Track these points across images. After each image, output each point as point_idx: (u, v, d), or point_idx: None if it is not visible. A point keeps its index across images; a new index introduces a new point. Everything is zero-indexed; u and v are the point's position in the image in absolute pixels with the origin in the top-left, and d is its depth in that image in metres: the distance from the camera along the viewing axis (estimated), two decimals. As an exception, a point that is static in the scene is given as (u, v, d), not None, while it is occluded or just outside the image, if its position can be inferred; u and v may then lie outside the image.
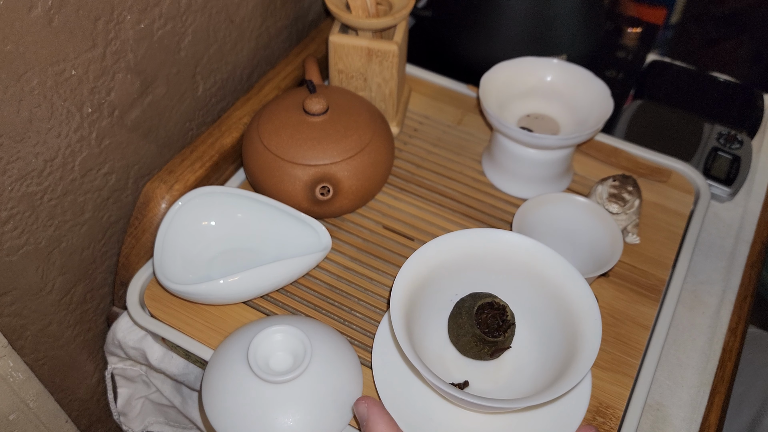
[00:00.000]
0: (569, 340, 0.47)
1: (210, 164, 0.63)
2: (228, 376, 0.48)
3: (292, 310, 0.57)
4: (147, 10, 0.55)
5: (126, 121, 0.58)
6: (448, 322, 0.52)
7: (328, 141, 0.59)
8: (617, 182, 0.61)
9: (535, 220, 0.59)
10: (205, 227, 0.59)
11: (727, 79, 0.83)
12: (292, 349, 0.48)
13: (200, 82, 0.66)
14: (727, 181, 0.71)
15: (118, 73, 0.55)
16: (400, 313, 0.47)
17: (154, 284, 0.58)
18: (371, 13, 0.64)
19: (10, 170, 0.50)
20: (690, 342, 0.60)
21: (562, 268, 0.49)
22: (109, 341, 0.62)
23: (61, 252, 0.58)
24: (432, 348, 0.52)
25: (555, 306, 0.50)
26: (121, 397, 0.67)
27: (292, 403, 0.47)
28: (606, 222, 0.58)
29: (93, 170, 0.57)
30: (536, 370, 0.50)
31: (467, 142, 0.72)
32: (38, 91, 0.49)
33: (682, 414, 0.56)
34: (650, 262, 0.61)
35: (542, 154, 0.63)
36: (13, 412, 0.57)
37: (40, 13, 0.46)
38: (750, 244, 0.67)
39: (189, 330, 0.55)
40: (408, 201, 0.66)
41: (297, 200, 0.59)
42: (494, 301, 0.50)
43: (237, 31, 0.67)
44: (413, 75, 0.79)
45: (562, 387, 0.43)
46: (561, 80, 0.67)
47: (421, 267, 0.50)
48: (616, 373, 0.54)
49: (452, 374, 0.51)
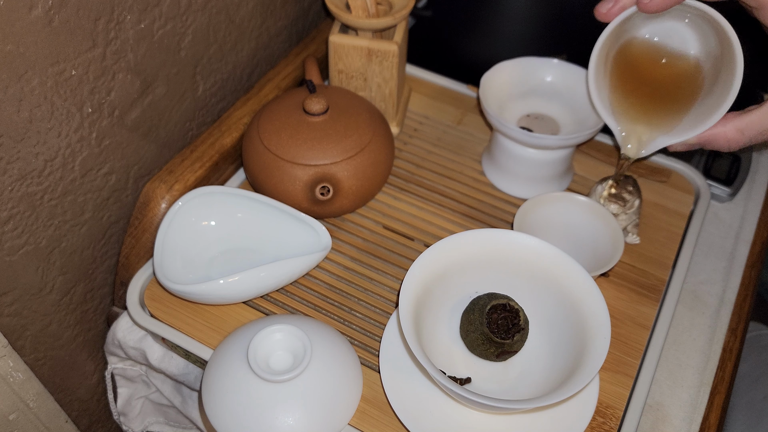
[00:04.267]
0: (578, 352, 0.47)
1: (210, 164, 0.63)
2: (228, 376, 0.48)
3: (292, 310, 0.57)
4: (147, 10, 0.55)
5: (126, 121, 0.58)
6: (462, 316, 0.52)
7: (328, 141, 0.59)
8: (617, 182, 0.61)
9: (536, 219, 0.59)
10: (205, 227, 0.59)
11: (727, 79, 0.83)
12: (292, 348, 0.48)
13: (200, 82, 0.66)
14: (727, 181, 0.70)
15: (118, 73, 0.55)
16: (410, 298, 0.48)
17: (154, 284, 0.58)
18: (371, 13, 0.64)
19: (10, 170, 0.50)
20: (690, 342, 0.60)
21: (583, 282, 0.49)
22: (109, 341, 0.62)
23: (61, 252, 0.58)
24: (442, 340, 0.52)
25: (572, 319, 0.50)
26: (121, 397, 0.67)
27: (292, 402, 0.47)
28: (607, 221, 0.58)
29: (93, 170, 0.57)
30: (542, 378, 0.50)
31: (467, 142, 0.72)
32: (38, 91, 0.49)
33: (682, 414, 0.56)
34: (650, 262, 0.61)
35: (542, 154, 0.63)
36: (13, 412, 0.57)
37: (40, 13, 0.46)
38: (750, 244, 0.67)
39: (189, 330, 0.55)
40: (408, 201, 0.66)
41: (297, 200, 0.59)
42: (509, 304, 0.49)
43: (237, 31, 0.67)
44: (413, 75, 0.79)
45: (567, 391, 0.43)
46: (561, 80, 0.67)
47: (440, 258, 0.50)
48: (616, 373, 0.54)
49: (458, 369, 0.51)
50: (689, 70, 0.53)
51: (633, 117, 0.56)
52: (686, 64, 0.53)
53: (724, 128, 0.52)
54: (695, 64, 0.53)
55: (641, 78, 0.55)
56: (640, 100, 0.56)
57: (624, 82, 0.56)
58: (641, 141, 0.56)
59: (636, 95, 0.56)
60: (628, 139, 0.57)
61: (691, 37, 0.53)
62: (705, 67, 0.53)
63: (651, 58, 0.54)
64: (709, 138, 0.52)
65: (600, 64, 0.57)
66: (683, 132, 0.54)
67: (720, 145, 0.52)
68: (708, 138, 0.53)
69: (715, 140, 0.52)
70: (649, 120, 0.56)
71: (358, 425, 0.50)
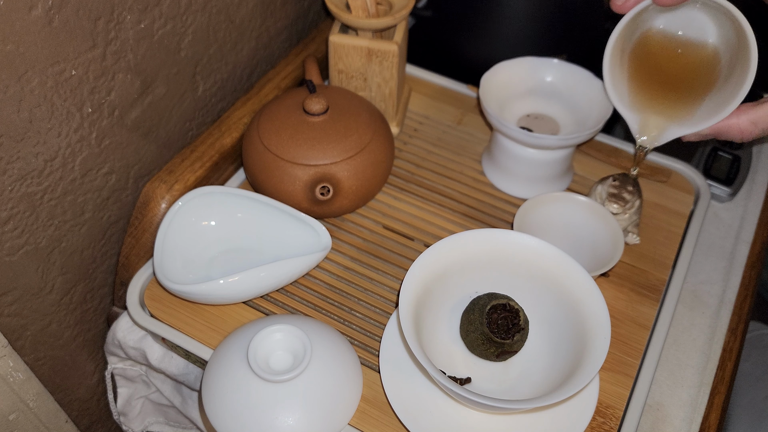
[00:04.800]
0: (578, 352, 0.47)
1: (210, 164, 0.63)
2: (228, 376, 0.48)
3: (292, 310, 0.57)
4: (147, 10, 0.55)
5: (126, 121, 0.58)
6: (462, 316, 0.52)
7: (328, 141, 0.59)
8: (617, 182, 0.61)
9: (536, 219, 0.59)
10: (205, 227, 0.59)
11: (727, 79, 0.83)
12: (291, 348, 0.48)
13: (200, 82, 0.66)
14: (727, 181, 0.70)
15: (118, 73, 0.55)
16: (410, 298, 0.48)
17: (154, 284, 0.58)
18: (371, 13, 0.64)
19: (10, 170, 0.50)
20: (690, 342, 0.60)
21: (583, 282, 0.49)
22: (109, 341, 0.62)
23: (61, 252, 0.58)
24: (442, 340, 0.52)
25: (572, 319, 0.50)
26: (121, 397, 0.67)
27: (292, 402, 0.47)
28: (607, 221, 0.58)
29: (93, 170, 0.57)
30: (542, 378, 0.50)
31: (467, 142, 0.72)
32: (38, 91, 0.49)
33: (682, 414, 0.56)
34: (650, 262, 0.61)
35: (542, 154, 0.63)
36: (13, 412, 0.57)
37: (40, 13, 0.46)
38: (750, 244, 0.67)
39: (189, 330, 0.55)
40: (408, 201, 0.66)
41: (297, 200, 0.59)
42: (509, 304, 0.49)
43: (237, 31, 0.67)
44: (413, 75, 0.79)
45: (567, 391, 0.43)
46: (561, 80, 0.67)
47: (440, 258, 0.50)
48: (616, 373, 0.54)
49: (458, 369, 0.51)
50: (707, 59, 0.54)
51: (649, 107, 0.57)
52: (704, 52, 0.53)
53: (738, 119, 0.52)
54: (713, 52, 0.53)
55: (658, 68, 0.55)
56: (656, 91, 0.56)
57: (641, 72, 0.56)
58: (657, 131, 0.56)
59: (652, 85, 0.56)
60: (644, 129, 0.57)
61: (709, 25, 0.53)
62: (723, 56, 0.53)
63: (668, 48, 0.55)
64: (723, 129, 0.53)
65: (615, 56, 0.57)
66: (698, 122, 0.54)
67: (733, 136, 0.53)
68: (721, 129, 0.53)
69: (728, 131, 0.53)
70: (664, 110, 0.56)
71: (358, 425, 0.50)
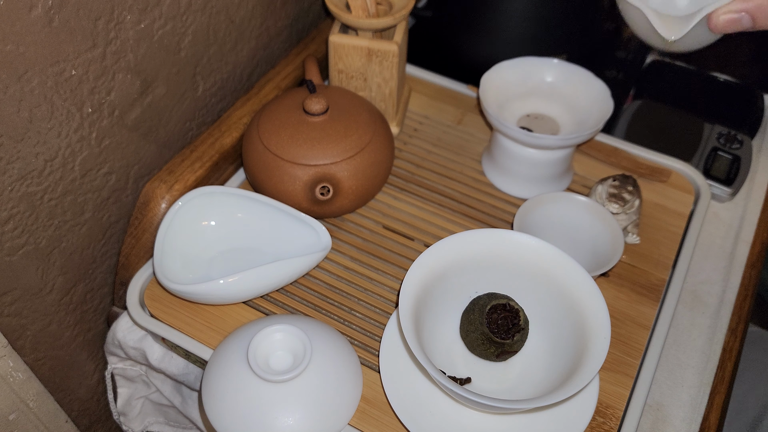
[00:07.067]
0: (578, 352, 0.47)
1: (210, 164, 0.63)
2: (228, 376, 0.48)
3: (292, 310, 0.57)
4: (147, 10, 0.55)
5: (126, 121, 0.58)
6: (461, 317, 0.52)
7: (328, 141, 0.59)
8: (617, 182, 0.61)
9: (536, 219, 0.59)
10: (205, 227, 0.59)
11: (727, 79, 0.83)
12: (292, 348, 0.48)
13: (200, 82, 0.66)
14: (727, 181, 0.70)
15: (118, 73, 0.55)
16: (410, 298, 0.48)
17: (154, 284, 0.58)
18: (371, 13, 0.64)
19: (10, 170, 0.50)
20: (690, 342, 0.60)
21: (583, 282, 0.49)
22: (109, 341, 0.62)
23: (61, 252, 0.58)
24: (442, 340, 0.52)
25: (572, 319, 0.50)
26: (121, 397, 0.67)
27: (292, 402, 0.47)
28: (607, 221, 0.58)
29: (93, 170, 0.57)
30: (542, 378, 0.50)
31: (467, 142, 0.72)
32: (38, 91, 0.49)
33: (682, 414, 0.56)
34: (650, 262, 0.61)
35: (542, 154, 0.63)
36: (13, 412, 0.57)
37: (40, 13, 0.46)
38: (750, 244, 0.67)
39: (189, 330, 0.55)
40: (408, 201, 0.66)
41: (297, 200, 0.59)
42: (509, 304, 0.49)
43: (237, 31, 0.67)
44: (413, 75, 0.79)
45: (567, 391, 0.43)
46: (561, 80, 0.67)
47: (440, 258, 0.50)
48: (616, 373, 0.54)
49: (458, 369, 0.51)
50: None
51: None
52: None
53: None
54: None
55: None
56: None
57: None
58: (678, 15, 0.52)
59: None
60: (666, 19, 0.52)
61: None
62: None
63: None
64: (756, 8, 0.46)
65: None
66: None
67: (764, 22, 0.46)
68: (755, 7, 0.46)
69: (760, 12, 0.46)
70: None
71: (358, 425, 0.50)
